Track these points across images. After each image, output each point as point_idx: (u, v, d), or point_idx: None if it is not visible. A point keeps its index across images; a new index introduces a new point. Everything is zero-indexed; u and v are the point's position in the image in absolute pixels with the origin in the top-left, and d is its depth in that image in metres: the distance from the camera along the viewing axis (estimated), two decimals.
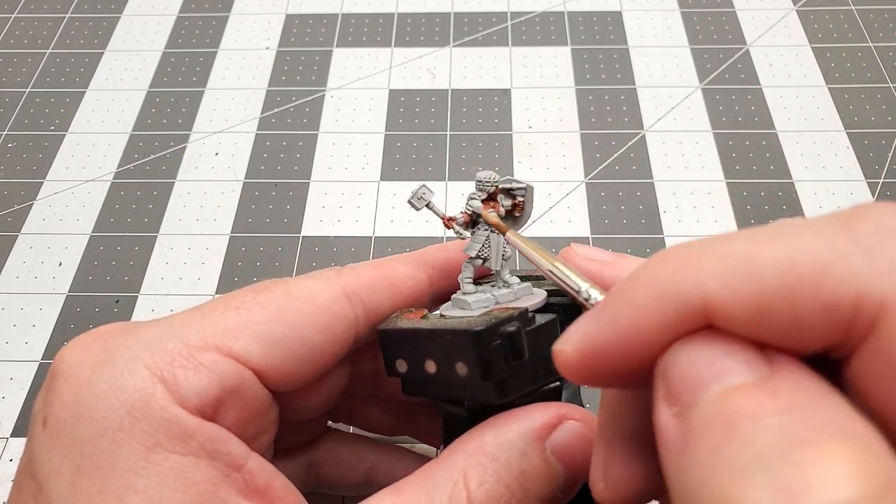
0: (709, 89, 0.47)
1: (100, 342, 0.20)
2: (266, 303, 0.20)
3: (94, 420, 0.18)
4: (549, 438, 0.20)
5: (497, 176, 0.23)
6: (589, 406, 0.34)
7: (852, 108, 0.46)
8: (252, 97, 0.48)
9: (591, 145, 0.44)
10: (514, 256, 0.24)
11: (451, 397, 0.22)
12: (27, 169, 0.44)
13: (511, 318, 0.19)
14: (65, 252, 0.40)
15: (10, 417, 0.35)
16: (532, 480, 0.19)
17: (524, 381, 0.20)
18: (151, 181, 0.44)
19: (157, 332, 0.19)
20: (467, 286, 0.23)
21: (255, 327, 0.20)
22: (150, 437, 0.18)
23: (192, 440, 0.18)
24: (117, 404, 0.18)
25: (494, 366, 0.19)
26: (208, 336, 0.19)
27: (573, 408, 0.20)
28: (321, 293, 0.21)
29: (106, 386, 0.18)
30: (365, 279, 0.22)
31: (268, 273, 0.39)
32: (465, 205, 0.23)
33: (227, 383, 0.19)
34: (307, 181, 0.43)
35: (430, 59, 0.49)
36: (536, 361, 0.20)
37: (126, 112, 0.47)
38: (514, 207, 0.24)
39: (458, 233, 0.23)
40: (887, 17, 0.51)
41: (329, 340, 0.21)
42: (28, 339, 0.37)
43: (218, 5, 0.53)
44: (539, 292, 0.23)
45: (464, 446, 0.20)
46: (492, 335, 0.19)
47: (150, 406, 0.18)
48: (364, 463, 0.26)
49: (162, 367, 0.18)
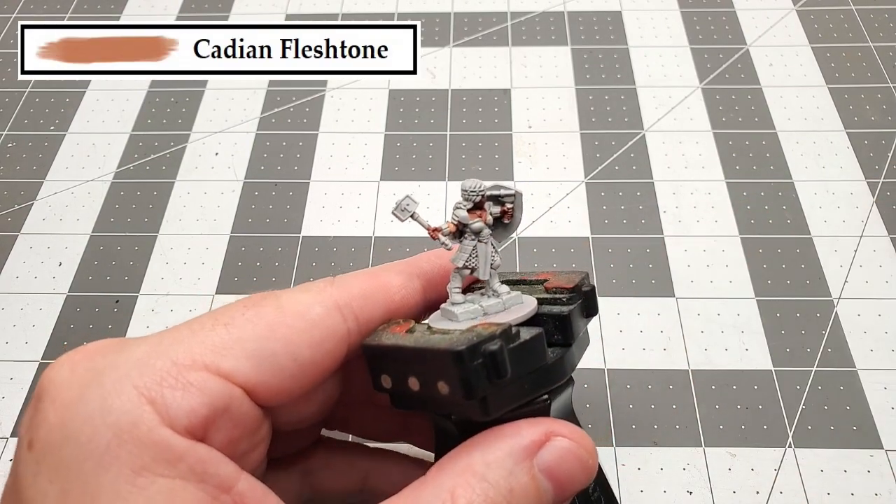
0: (709, 89, 0.47)
1: (87, 361, 0.19)
2: (256, 318, 0.20)
3: (81, 442, 0.17)
4: (538, 456, 0.20)
5: (483, 184, 0.23)
6: (589, 406, 0.34)
7: (852, 108, 0.46)
8: (252, 97, 0.48)
9: (591, 145, 0.44)
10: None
11: (438, 412, 0.21)
12: (27, 169, 0.44)
13: (493, 336, 0.19)
14: (65, 252, 0.40)
15: (10, 417, 0.35)
16: (521, 499, 0.19)
17: (509, 398, 0.20)
18: (151, 181, 0.44)
19: (146, 350, 0.19)
20: (456, 296, 0.23)
21: (244, 344, 0.19)
22: (137, 460, 0.17)
23: (181, 462, 0.18)
24: (104, 426, 0.17)
25: (476, 385, 0.18)
26: (197, 354, 0.19)
27: (562, 424, 0.20)
28: (313, 307, 0.21)
29: (93, 407, 0.18)
30: (357, 291, 0.22)
31: (268, 273, 0.39)
32: (451, 214, 0.23)
33: (216, 403, 0.19)
34: (307, 181, 0.43)
35: (430, 59, 0.49)
36: (522, 378, 0.19)
37: (126, 112, 0.47)
38: (502, 214, 0.23)
39: (444, 243, 0.23)
40: (887, 17, 0.51)
41: (321, 355, 0.21)
42: (28, 339, 0.37)
43: (218, 6, 0.53)
44: (529, 301, 0.23)
45: (451, 465, 0.19)
46: (473, 354, 0.18)
47: (137, 428, 0.17)
48: (359, 471, 0.26)
49: (150, 388, 0.18)
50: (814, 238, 0.40)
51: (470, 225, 0.23)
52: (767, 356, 0.35)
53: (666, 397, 0.34)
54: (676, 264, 0.39)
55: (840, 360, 0.35)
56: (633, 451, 0.33)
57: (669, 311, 0.37)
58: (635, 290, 0.38)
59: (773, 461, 0.32)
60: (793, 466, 0.32)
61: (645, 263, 0.39)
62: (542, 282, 0.24)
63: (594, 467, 0.20)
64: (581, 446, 0.20)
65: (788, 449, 0.33)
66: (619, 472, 0.32)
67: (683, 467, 0.32)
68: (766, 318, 0.37)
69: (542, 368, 0.20)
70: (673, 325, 0.37)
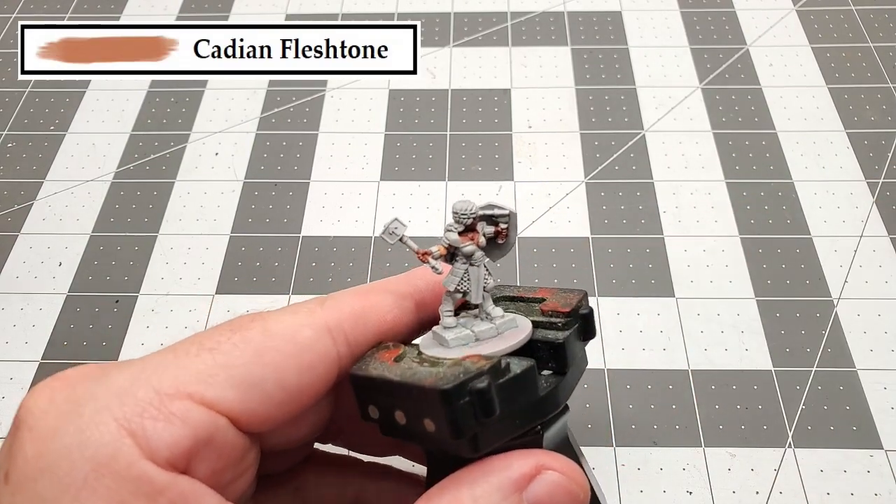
0: (709, 89, 0.47)
1: (67, 389, 0.19)
2: (242, 343, 0.19)
3: (58, 476, 0.17)
4: (527, 490, 0.19)
5: (475, 206, 0.22)
6: (589, 406, 0.34)
7: (852, 108, 0.46)
8: (252, 97, 0.48)
9: (591, 145, 0.44)
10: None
11: (426, 447, 0.21)
12: (27, 169, 0.44)
13: (482, 371, 0.18)
14: (65, 252, 0.40)
15: (9, 417, 0.34)
16: None
17: (498, 434, 0.19)
18: (151, 181, 0.44)
19: (128, 378, 0.18)
20: (447, 319, 0.22)
21: (230, 371, 0.19)
22: (115, 495, 0.17)
23: (161, 497, 0.17)
24: (82, 460, 0.17)
25: (463, 424, 0.18)
26: (181, 382, 0.18)
27: (553, 457, 0.20)
28: (302, 330, 0.20)
29: (70, 440, 0.17)
30: (348, 312, 0.21)
31: (268, 273, 0.39)
32: (443, 236, 0.22)
33: (199, 433, 0.18)
34: (307, 181, 0.43)
35: (430, 58, 0.49)
36: (513, 413, 0.19)
37: (126, 112, 0.47)
38: (496, 235, 0.22)
39: (433, 268, 0.22)
40: (887, 17, 0.51)
41: (310, 380, 0.20)
42: (28, 339, 0.37)
43: (218, 6, 0.53)
44: (524, 325, 0.22)
45: (439, 498, 0.19)
46: (459, 393, 0.18)
47: (116, 461, 0.17)
48: (351, 487, 0.26)
49: (130, 419, 0.17)
50: (814, 238, 0.40)
51: (461, 248, 0.22)
52: (767, 356, 0.35)
53: (666, 397, 0.34)
54: (676, 264, 0.39)
55: (840, 360, 0.35)
56: (632, 451, 0.33)
57: (669, 311, 0.37)
58: (635, 290, 0.38)
59: (772, 461, 0.32)
60: (793, 466, 0.32)
61: (645, 263, 0.39)
62: (539, 300, 0.23)
63: (586, 500, 0.20)
64: (572, 480, 0.19)
65: (788, 449, 0.33)
66: (619, 472, 0.32)
67: (683, 467, 0.32)
68: (766, 318, 0.37)
69: (534, 402, 0.20)
70: (673, 325, 0.37)
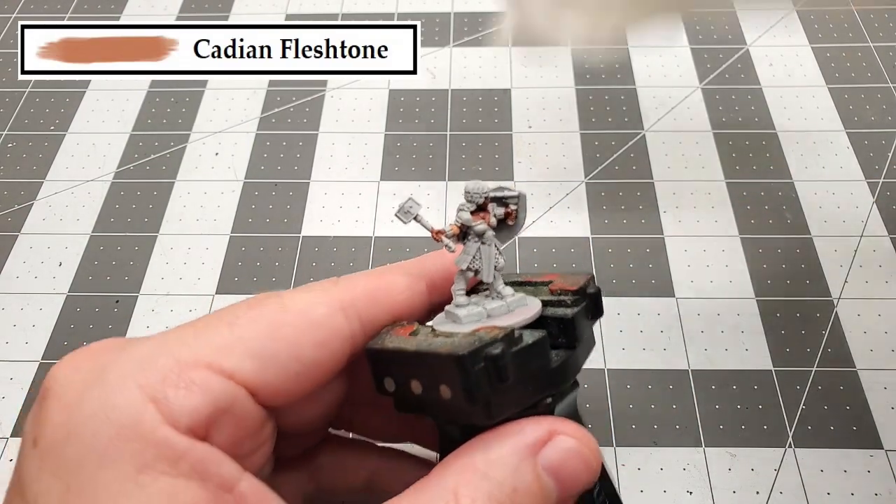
0: (709, 89, 0.47)
1: (91, 360, 0.19)
2: (259, 318, 0.20)
3: (84, 440, 0.17)
4: (541, 454, 0.19)
5: (487, 185, 0.23)
6: (589, 406, 0.34)
7: (852, 108, 0.46)
8: (252, 97, 0.48)
9: (591, 145, 0.44)
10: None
11: (441, 417, 0.21)
12: (27, 169, 0.44)
13: (496, 339, 0.19)
14: (65, 252, 0.40)
15: (10, 417, 0.35)
16: (524, 498, 0.19)
17: (512, 402, 0.20)
18: (151, 181, 0.44)
19: (150, 349, 0.19)
20: (460, 298, 0.22)
21: (248, 343, 0.19)
22: (139, 458, 0.17)
23: (183, 461, 0.18)
24: (106, 424, 0.17)
25: (478, 390, 0.18)
26: (200, 353, 0.19)
27: (565, 422, 0.20)
28: (316, 307, 0.21)
29: (95, 405, 0.18)
30: (361, 291, 0.22)
31: (268, 273, 0.39)
32: (455, 216, 0.23)
33: (219, 402, 0.19)
34: (307, 181, 0.43)
35: (430, 58, 0.49)
36: (525, 381, 0.19)
37: (126, 112, 0.47)
38: (506, 216, 0.23)
39: (447, 246, 0.23)
40: (887, 17, 0.51)
41: (325, 355, 0.21)
42: (28, 339, 0.37)
43: (218, 6, 0.53)
44: (534, 303, 0.22)
45: (454, 464, 0.19)
46: (474, 359, 0.18)
47: (139, 426, 0.17)
48: (366, 469, 0.26)
49: (153, 386, 0.18)
50: (814, 238, 0.40)
51: (473, 227, 0.23)
52: (767, 356, 0.35)
53: (666, 397, 0.34)
54: (676, 264, 0.39)
55: (840, 360, 0.35)
56: (633, 451, 0.33)
57: (669, 311, 0.37)
58: (635, 290, 0.38)
59: (773, 461, 0.32)
60: (793, 466, 0.32)
61: (645, 263, 0.39)
62: (547, 283, 0.24)
63: (598, 467, 0.20)
64: (585, 445, 0.20)
65: (788, 449, 0.33)
66: (619, 472, 0.32)
67: (683, 467, 0.32)
68: (766, 318, 0.37)
69: (546, 371, 0.20)
70: (673, 325, 0.37)
